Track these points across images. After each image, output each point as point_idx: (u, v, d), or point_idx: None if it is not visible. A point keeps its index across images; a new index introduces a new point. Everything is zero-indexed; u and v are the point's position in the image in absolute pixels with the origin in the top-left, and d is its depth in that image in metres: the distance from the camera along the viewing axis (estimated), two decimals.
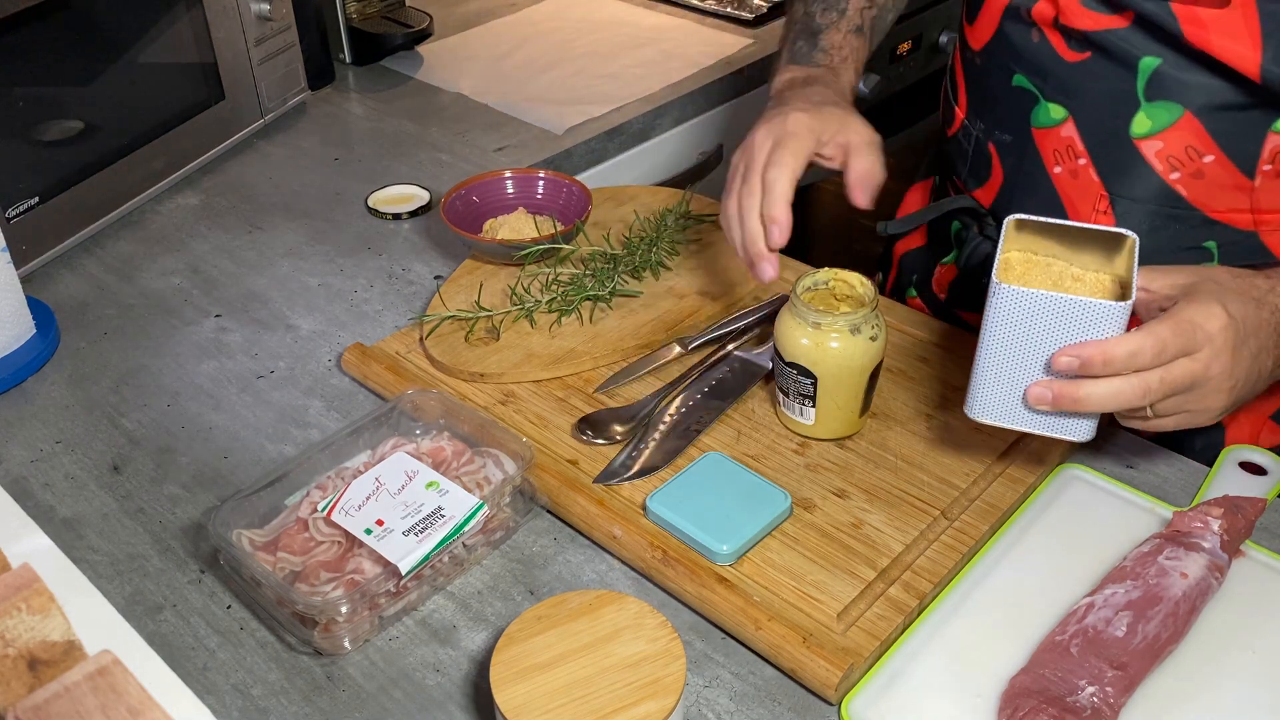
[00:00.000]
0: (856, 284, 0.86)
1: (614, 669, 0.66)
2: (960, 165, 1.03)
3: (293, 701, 0.72)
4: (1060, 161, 0.92)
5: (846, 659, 0.71)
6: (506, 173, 1.15)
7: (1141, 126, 0.87)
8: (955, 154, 1.04)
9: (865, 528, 0.81)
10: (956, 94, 1.04)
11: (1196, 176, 0.87)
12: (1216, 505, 0.78)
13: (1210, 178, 0.87)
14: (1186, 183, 0.88)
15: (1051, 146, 0.93)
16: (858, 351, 0.83)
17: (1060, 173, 0.93)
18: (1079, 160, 0.91)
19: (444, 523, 0.77)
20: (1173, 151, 0.87)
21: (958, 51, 1.03)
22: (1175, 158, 0.87)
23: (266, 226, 1.22)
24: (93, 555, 0.83)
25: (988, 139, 0.98)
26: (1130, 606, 0.72)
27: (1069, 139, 0.91)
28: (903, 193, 1.19)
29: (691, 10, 1.73)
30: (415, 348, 0.99)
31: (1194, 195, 0.88)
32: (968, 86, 1.01)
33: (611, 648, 0.66)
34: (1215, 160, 0.86)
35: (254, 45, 1.32)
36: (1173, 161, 0.87)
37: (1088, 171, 0.91)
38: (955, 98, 1.04)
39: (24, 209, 1.10)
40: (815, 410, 0.85)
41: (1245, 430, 0.98)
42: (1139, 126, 0.87)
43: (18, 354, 1.00)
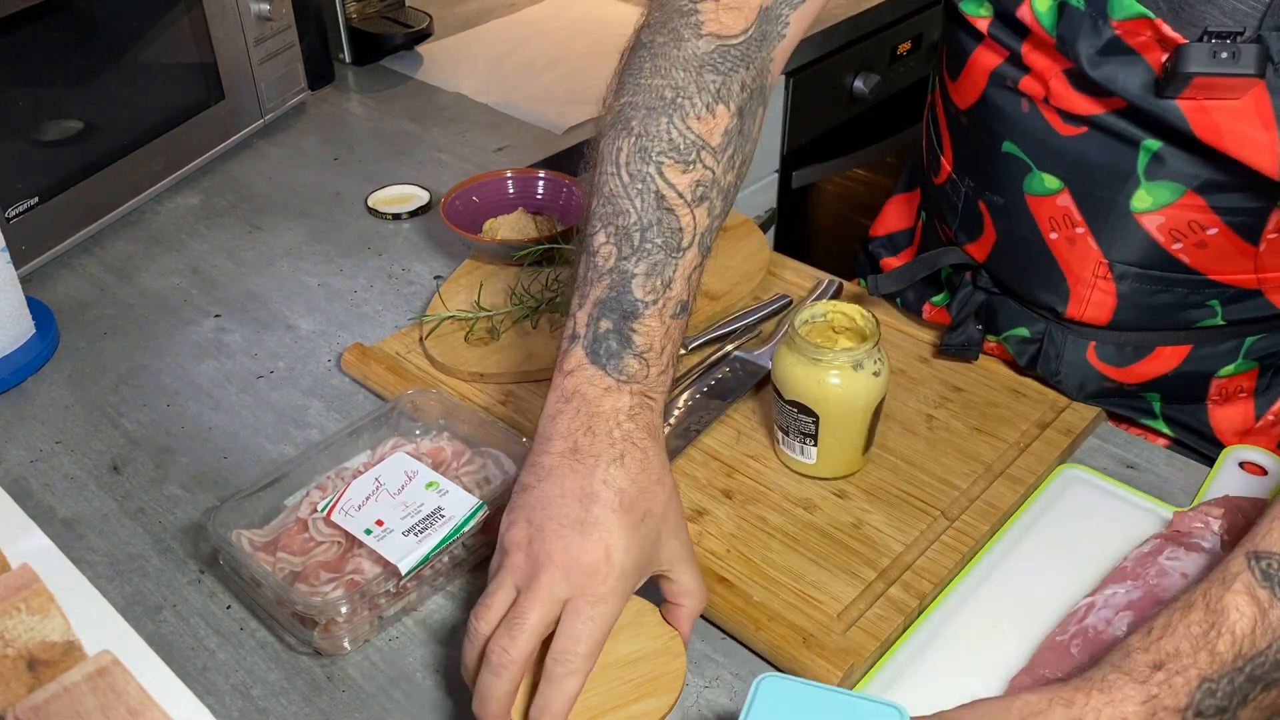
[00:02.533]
0: (857, 316, 0.83)
1: (613, 666, 0.66)
2: (950, 217, 0.99)
3: (293, 702, 0.72)
4: (1056, 229, 0.89)
5: (846, 659, 0.71)
6: (506, 173, 1.15)
7: (1142, 202, 0.84)
8: (944, 204, 0.99)
9: (865, 528, 0.81)
10: (941, 145, 0.98)
11: (1200, 247, 0.85)
12: (1217, 505, 0.78)
13: (1214, 248, 0.84)
14: (1189, 251, 0.85)
15: (1047, 214, 0.88)
16: (861, 388, 0.80)
17: (1057, 239, 0.89)
18: (1076, 229, 0.87)
19: (444, 523, 0.77)
20: (1175, 225, 0.84)
21: (939, 101, 0.97)
22: (1177, 230, 0.84)
23: (266, 226, 1.22)
24: (92, 555, 0.83)
25: (978, 197, 0.94)
26: (1131, 607, 0.72)
27: (1065, 208, 0.87)
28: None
29: None
30: (415, 348, 0.99)
31: (1196, 262, 0.85)
32: (953, 142, 0.96)
33: (611, 645, 0.66)
34: (1219, 233, 0.83)
35: (254, 45, 1.32)
36: (1175, 234, 0.84)
37: (1086, 240, 0.87)
38: (940, 148, 0.99)
39: (24, 209, 1.10)
40: (817, 449, 0.83)
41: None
42: (1139, 202, 0.84)
43: (18, 354, 1.00)
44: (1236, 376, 0.94)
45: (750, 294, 1.04)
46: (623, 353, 0.69)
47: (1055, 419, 0.90)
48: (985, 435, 0.88)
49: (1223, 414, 0.96)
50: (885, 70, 1.83)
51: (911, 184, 1.14)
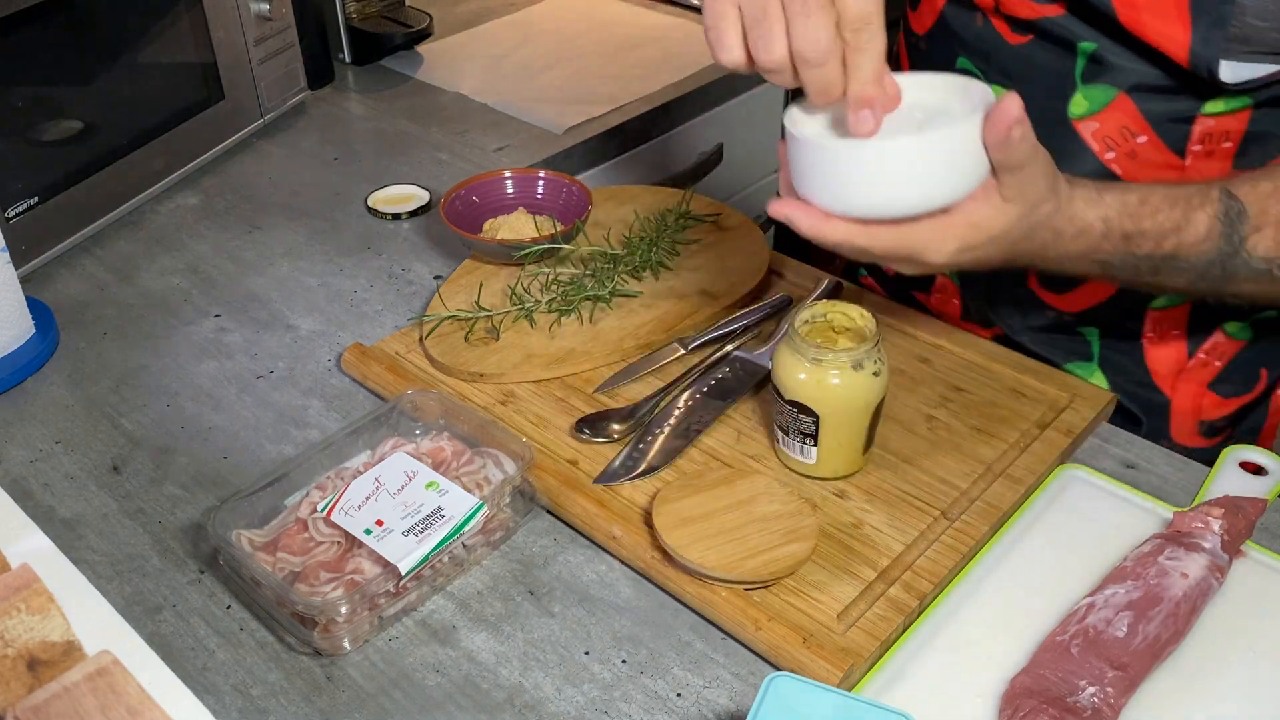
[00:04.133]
0: (856, 316, 0.83)
1: (758, 521, 0.78)
2: None
3: (293, 702, 0.72)
4: None
5: (846, 659, 0.71)
6: (506, 173, 1.15)
7: (1079, 108, 0.90)
8: None
9: (865, 528, 0.81)
10: None
11: (1130, 156, 0.90)
12: (1217, 505, 0.78)
13: (1143, 158, 0.90)
14: (1121, 162, 0.90)
15: None
16: (861, 388, 0.80)
17: None
18: None
19: (444, 523, 0.77)
20: (1108, 132, 0.90)
21: (901, 37, 1.06)
22: (1110, 138, 0.90)
23: (266, 226, 1.22)
24: (92, 555, 0.83)
25: None
26: (1131, 607, 0.72)
27: None
28: None
29: (691, 10, 1.73)
30: (415, 348, 0.99)
31: (1129, 174, 0.90)
32: (913, 70, 1.02)
33: (751, 507, 0.79)
34: (1148, 141, 0.89)
35: (254, 45, 1.32)
36: (1108, 141, 0.90)
37: None
38: None
39: (24, 209, 1.10)
40: (817, 449, 0.83)
41: (1187, 401, 1.01)
42: (1076, 107, 0.90)
43: (18, 354, 1.00)
44: (1170, 310, 0.98)
45: (750, 294, 1.04)
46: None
47: (1055, 419, 0.90)
48: (985, 435, 0.88)
49: (1158, 354, 1.01)
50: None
51: None
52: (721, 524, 0.78)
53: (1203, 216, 0.77)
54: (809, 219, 0.71)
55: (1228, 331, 0.99)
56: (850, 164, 0.68)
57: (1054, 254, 0.77)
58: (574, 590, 0.79)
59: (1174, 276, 0.79)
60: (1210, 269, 0.78)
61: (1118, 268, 0.79)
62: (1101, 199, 0.76)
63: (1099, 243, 0.77)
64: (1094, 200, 0.76)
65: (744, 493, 0.80)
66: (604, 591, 0.79)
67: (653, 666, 0.74)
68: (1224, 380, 1.01)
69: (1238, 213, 0.76)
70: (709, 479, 0.81)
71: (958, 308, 1.10)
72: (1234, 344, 1.00)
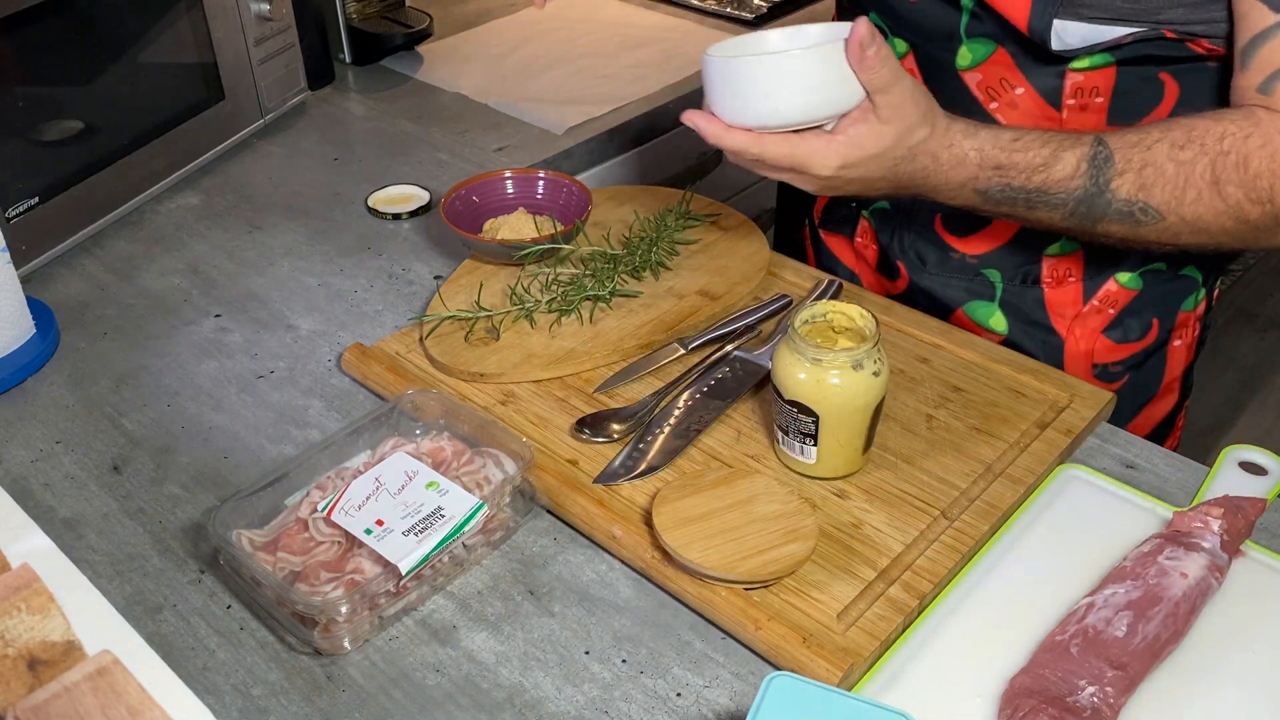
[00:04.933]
0: (856, 316, 0.83)
1: (757, 521, 0.78)
2: None
3: (293, 701, 0.72)
4: None
5: (846, 659, 0.71)
6: (506, 173, 1.15)
7: (964, 59, 0.97)
8: None
9: (865, 528, 0.81)
10: None
11: (1011, 107, 0.97)
12: (1216, 505, 0.78)
13: (1023, 109, 0.96)
14: (1004, 112, 0.97)
15: None
16: (861, 388, 0.80)
17: None
18: None
19: (444, 523, 0.77)
20: (990, 83, 0.97)
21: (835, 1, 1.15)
22: (992, 88, 0.97)
23: (266, 226, 1.22)
24: (93, 555, 0.83)
25: None
26: (1130, 606, 0.72)
27: (910, 70, 1.00)
28: None
29: (691, 10, 1.73)
30: (415, 348, 0.99)
31: (1012, 124, 0.95)
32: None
33: (751, 507, 0.79)
34: (1025, 93, 0.96)
35: (254, 45, 1.32)
36: (991, 92, 0.97)
37: None
38: None
39: (24, 209, 1.10)
40: (817, 449, 0.83)
41: (1081, 344, 1.07)
42: (962, 59, 0.97)
43: (18, 354, 1.00)
44: (1064, 259, 1.05)
45: (750, 294, 1.04)
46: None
47: (1055, 419, 0.90)
48: (985, 435, 0.88)
49: (1056, 297, 1.07)
50: None
51: None
52: (721, 524, 0.78)
53: (1071, 156, 0.85)
54: (711, 127, 0.83)
55: (1120, 281, 1.05)
56: (738, 78, 0.81)
57: (935, 181, 0.86)
58: (574, 590, 0.79)
59: (1047, 211, 0.87)
60: (1079, 206, 0.86)
61: (996, 199, 0.87)
62: (978, 132, 0.86)
63: (975, 172, 0.86)
64: (970, 133, 0.85)
65: (744, 493, 0.80)
66: (604, 591, 0.79)
67: (653, 666, 0.74)
68: (1116, 326, 1.07)
69: (1104, 157, 0.85)
70: (709, 479, 0.81)
71: (875, 253, 1.16)
72: (1126, 293, 1.05)
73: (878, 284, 1.18)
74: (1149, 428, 1.13)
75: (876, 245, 1.15)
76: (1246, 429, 2.47)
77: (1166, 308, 1.07)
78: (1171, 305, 1.08)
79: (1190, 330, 1.10)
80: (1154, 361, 1.10)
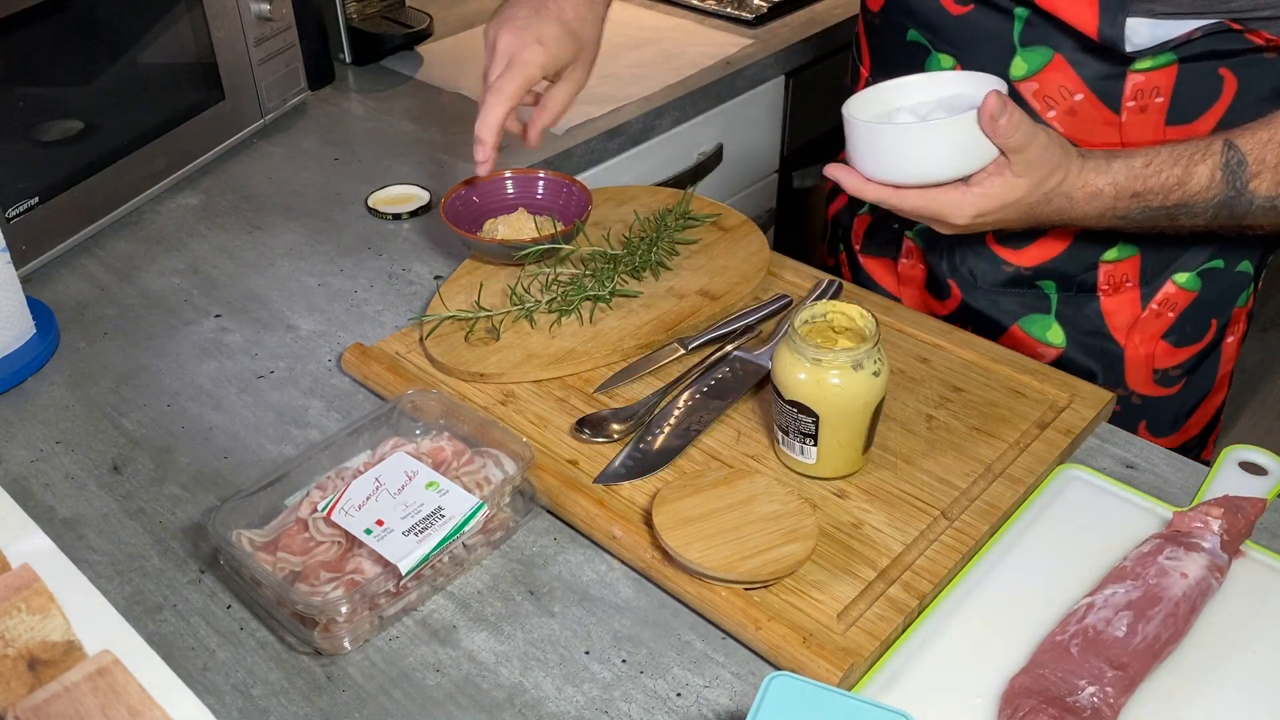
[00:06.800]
0: (856, 316, 0.83)
1: (757, 521, 0.78)
2: None
3: (293, 701, 0.72)
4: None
5: (846, 659, 0.71)
6: (506, 173, 1.15)
7: (1019, 69, 0.97)
8: None
9: (865, 528, 0.81)
10: (861, 56, 1.14)
11: (1070, 114, 0.96)
12: (1216, 505, 0.78)
13: (1082, 115, 0.96)
14: (1062, 120, 0.97)
15: None
16: (861, 388, 0.80)
17: None
18: None
19: (444, 523, 0.77)
20: (1047, 92, 0.96)
21: (860, 18, 1.14)
22: (1050, 97, 0.96)
23: (266, 226, 1.22)
24: (93, 555, 0.83)
25: None
26: (1130, 606, 0.72)
27: None
28: None
29: (691, 10, 1.73)
30: (415, 348, 0.99)
31: (1070, 132, 0.96)
32: (870, 48, 1.12)
33: (751, 507, 0.79)
34: (1085, 99, 0.95)
35: (254, 45, 1.32)
36: (1048, 101, 0.97)
37: None
38: (860, 59, 1.14)
39: (24, 209, 1.10)
40: (817, 449, 0.83)
41: (1141, 350, 1.06)
42: (1017, 70, 0.97)
43: (18, 354, 1.00)
44: (1121, 264, 1.05)
45: (750, 294, 1.04)
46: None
47: (1055, 419, 0.90)
48: (985, 435, 0.88)
49: (1113, 305, 1.06)
50: None
51: None
52: (721, 524, 0.78)
53: (1204, 169, 0.87)
54: (852, 180, 0.89)
55: (1178, 282, 1.04)
56: (880, 142, 0.87)
57: (1072, 216, 0.89)
58: (574, 590, 0.79)
59: (1190, 219, 0.90)
60: (1220, 210, 0.89)
61: (1137, 221, 0.90)
62: (1110, 166, 0.87)
63: (1113, 203, 0.88)
64: (1103, 168, 0.87)
65: (744, 493, 0.80)
66: (604, 591, 0.79)
67: (653, 666, 0.74)
68: (1176, 331, 1.07)
69: (1237, 162, 0.87)
70: (709, 479, 0.81)
71: (923, 272, 1.15)
72: (1185, 295, 1.05)
73: (924, 305, 1.16)
74: (1202, 425, 1.13)
75: (924, 265, 1.14)
76: (1246, 429, 2.47)
77: (1223, 306, 1.08)
78: (1228, 302, 1.08)
79: (1241, 325, 1.11)
80: (1209, 361, 1.10)
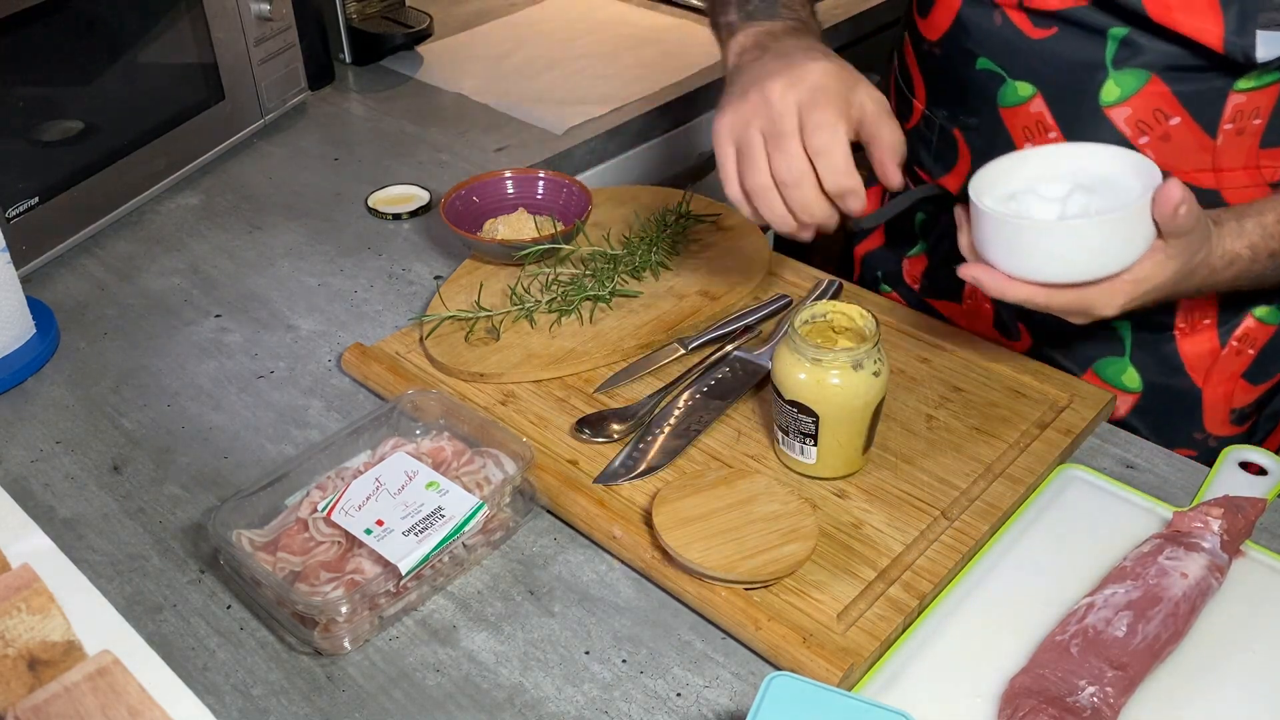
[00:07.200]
0: (856, 316, 0.83)
1: (757, 521, 0.78)
2: (924, 154, 1.05)
3: (293, 701, 0.72)
4: (1030, 137, 0.94)
5: (846, 659, 0.71)
6: (506, 173, 1.15)
7: (1110, 94, 0.90)
8: (917, 144, 1.05)
9: (865, 528, 0.81)
10: (912, 87, 1.07)
11: (1164, 139, 0.91)
12: (1216, 505, 0.78)
13: (1176, 140, 0.91)
14: (1154, 146, 0.91)
15: (1020, 124, 0.95)
16: (861, 388, 0.80)
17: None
18: (1049, 134, 0.93)
19: (444, 523, 0.77)
20: (1141, 116, 0.90)
21: (907, 46, 1.06)
22: (1144, 122, 0.90)
23: (266, 226, 1.22)
24: (93, 555, 0.83)
25: (953, 125, 1.01)
26: (1130, 606, 0.72)
27: (1038, 114, 0.93)
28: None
29: (691, 10, 1.73)
30: (415, 348, 0.99)
31: (1161, 158, 0.90)
32: (925, 78, 1.04)
33: (751, 507, 0.79)
34: (1181, 122, 0.90)
35: (254, 45, 1.32)
36: (1141, 126, 0.91)
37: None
38: (911, 90, 1.07)
39: (24, 209, 1.10)
40: (817, 449, 0.83)
41: (1220, 390, 1.01)
42: (1108, 94, 0.90)
43: (18, 354, 1.00)
44: (1199, 301, 0.99)
45: (750, 294, 1.04)
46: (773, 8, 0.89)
47: (1055, 419, 0.90)
48: (985, 435, 0.88)
49: (1191, 346, 1.01)
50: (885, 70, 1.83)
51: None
52: (721, 524, 0.78)
53: None
54: (995, 282, 0.79)
55: (1257, 316, 1.00)
56: (1034, 239, 0.77)
57: (1211, 284, 0.84)
58: (574, 590, 0.79)
59: None
60: None
61: (1271, 277, 0.86)
62: (1243, 228, 0.83)
63: (1249, 265, 0.84)
64: (1237, 231, 0.83)
65: (744, 493, 0.80)
66: (604, 591, 0.79)
67: (653, 666, 0.74)
68: (1256, 368, 1.02)
69: None
70: (709, 479, 0.81)
71: (990, 312, 1.09)
72: (1265, 329, 1.01)
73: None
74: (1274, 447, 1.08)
75: (990, 305, 1.08)
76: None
77: None
78: None
79: None
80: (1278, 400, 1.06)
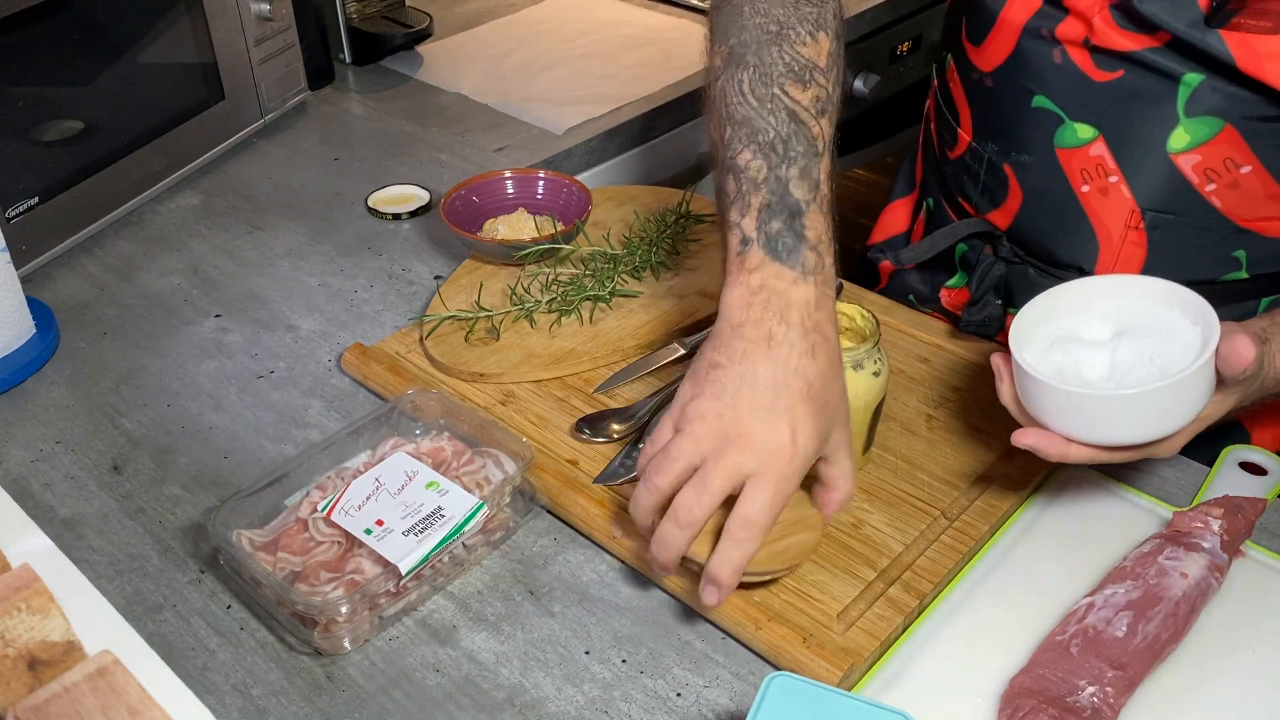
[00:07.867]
0: (857, 316, 0.83)
1: None
2: (970, 187, 1.00)
3: (293, 701, 0.72)
4: (1088, 180, 0.90)
5: (846, 659, 0.71)
6: (506, 173, 1.15)
7: (1180, 141, 0.86)
8: (963, 177, 1.01)
9: (865, 528, 0.81)
10: (958, 117, 1.01)
11: (1232, 187, 0.87)
12: (1216, 505, 0.78)
13: (1245, 188, 0.86)
14: (1222, 194, 0.87)
15: (1079, 165, 0.90)
16: (861, 388, 0.80)
17: (1088, 191, 0.90)
18: (1110, 178, 0.89)
19: (444, 523, 0.77)
20: (1210, 164, 0.86)
21: (954, 73, 1.00)
22: (1213, 170, 0.86)
23: (266, 226, 1.22)
24: (93, 555, 0.83)
25: (1003, 160, 0.95)
26: (1130, 606, 0.72)
27: (1099, 157, 0.89)
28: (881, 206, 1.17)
29: (691, 10, 1.73)
30: (415, 348, 0.99)
31: (1228, 206, 0.87)
32: (973, 109, 0.98)
33: None
34: (1252, 171, 0.86)
35: (254, 45, 1.32)
36: (1209, 174, 0.86)
37: (1119, 189, 0.89)
38: (957, 120, 1.01)
39: (24, 209, 1.10)
40: None
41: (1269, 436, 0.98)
42: (1177, 141, 0.86)
43: (18, 354, 1.00)
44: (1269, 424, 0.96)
45: None
46: (799, 247, 0.74)
47: None
48: (985, 435, 0.88)
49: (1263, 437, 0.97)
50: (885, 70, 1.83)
51: (909, 188, 1.14)
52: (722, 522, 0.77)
53: None
54: (1055, 447, 0.75)
55: None
56: (1095, 408, 0.73)
57: (1260, 402, 0.80)
58: (574, 590, 0.79)
59: None
60: None
61: None
62: None
63: None
64: None
65: None
66: (604, 591, 0.79)
67: (653, 666, 0.74)
68: None
69: None
70: None
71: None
72: None
73: None
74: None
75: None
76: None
77: None
78: None
79: None
80: None
